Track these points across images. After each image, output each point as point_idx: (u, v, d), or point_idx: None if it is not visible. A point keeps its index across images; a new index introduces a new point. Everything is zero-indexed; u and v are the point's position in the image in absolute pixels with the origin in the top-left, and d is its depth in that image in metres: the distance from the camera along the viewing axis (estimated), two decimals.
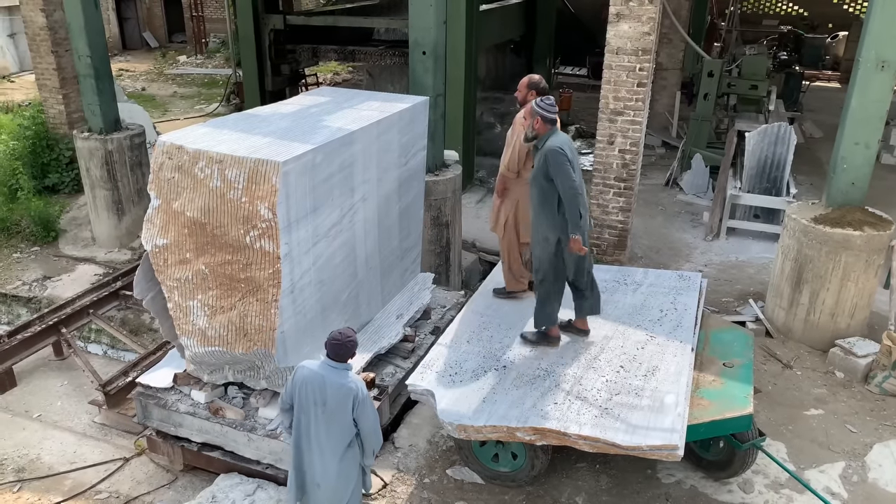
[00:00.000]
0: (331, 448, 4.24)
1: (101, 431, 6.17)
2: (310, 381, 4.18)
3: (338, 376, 4.15)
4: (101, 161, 9.04)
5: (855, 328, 6.87)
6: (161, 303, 5.19)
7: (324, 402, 4.16)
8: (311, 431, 4.24)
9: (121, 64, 21.32)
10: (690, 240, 9.63)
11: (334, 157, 5.16)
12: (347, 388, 4.13)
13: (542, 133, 5.21)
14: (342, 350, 4.13)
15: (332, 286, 5.48)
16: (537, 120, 5.19)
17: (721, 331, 5.95)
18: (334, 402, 4.15)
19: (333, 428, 4.20)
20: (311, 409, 4.19)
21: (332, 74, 20.17)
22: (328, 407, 4.16)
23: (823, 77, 21.46)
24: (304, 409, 4.23)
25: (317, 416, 4.19)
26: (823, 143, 13.42)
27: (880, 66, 6.36)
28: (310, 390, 4.17)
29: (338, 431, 4.21)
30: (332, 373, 4.16)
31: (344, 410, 4.16)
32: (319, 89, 7.10)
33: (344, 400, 4.14)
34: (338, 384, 4.13)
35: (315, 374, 4.18)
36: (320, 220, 5.13)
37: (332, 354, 4.14)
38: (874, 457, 5.59)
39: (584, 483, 5.31)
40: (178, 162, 4.77)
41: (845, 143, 6.73)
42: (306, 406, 4.20)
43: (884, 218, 6.80)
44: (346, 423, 4.20)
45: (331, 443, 4.24)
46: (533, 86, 5.84)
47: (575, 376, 5.21)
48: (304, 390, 4.19)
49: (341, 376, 4.15)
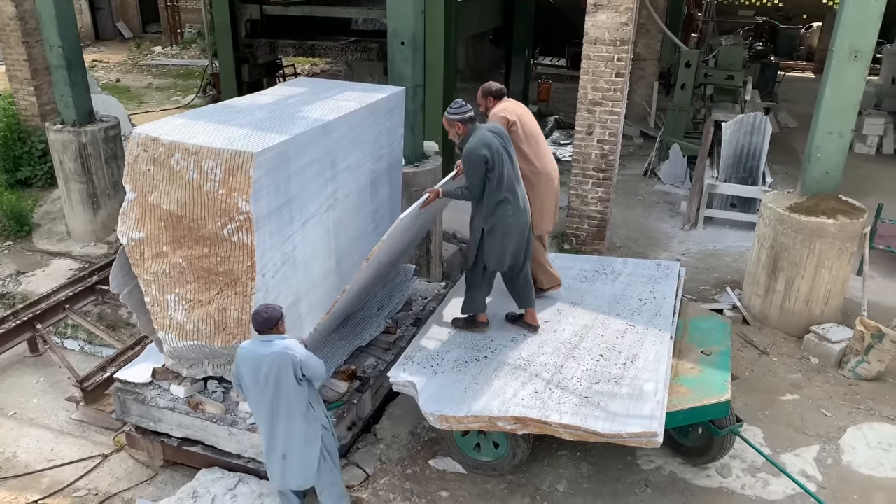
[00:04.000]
0: (284, 414, 4.30)
1: (79, 428, 6.10)
2: (243, 361, 4.28)
3: (269, 348, 4.21)
4: (74, 154, 8.90)
5: (829, 315, 6.98)
6: (138, 297, 5.13)
7: (265, 377, 4.21)
8: (261, 408, 4.32)
9: (94, 55, 20.96)
10: (668, 229, 9.71)
11: (312, 148, 5.12)
12: (282, 356, 4.19)
13: (465, 135, 5.28)
14: (260, 320, 4.22)
15: (311, 277, 5.45)
16: (457, 126, 5.27)
17: (699, 319, 6.02)
18: (275, 372, 4.20)
19: (282, 396, 4.25)
20: (253, 387, 4.28)
21: (311, 65, 20.01)
22: (270, 378, 4.21)
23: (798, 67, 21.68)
24: (247, 389, 4.33)
25: (264, 392, 4.25)
26: (798, 133, 13.59)
27: (853, 56, 6.44)
28: (248, 371, 4.26)
29: (286, 397, 4.26)
30: (262, 346, 4.23)
31: (286, 377, 4.21)
32: (297, 80, 7.05)
33: (283, 368, 4.19)
34: (270, 355, 4.19)
35: (248, 352, 4.27)
36: (298, 211, 5.10)
37: (259, 327, 4.24)
38: (848, 440, 5.69)
39: (565, 471, 5.35)
40: (153, 154, 4.71)
41: (819, 132, 6.81)
42: (249, 385, 4.30)
43: (857, 206, 6.90)
44: (293, 389, 4.24)
45: (281, 410, 4.29)
46: (488, 92, 5.88)
47: (555, 365, 5.25)
48: (244, 372, 4.28)
49: (272, 346, 4.21)
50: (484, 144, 5.14)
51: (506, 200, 5.22)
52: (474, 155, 5.13)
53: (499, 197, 5.21)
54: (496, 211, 5.24)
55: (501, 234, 5.29)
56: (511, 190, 5.24)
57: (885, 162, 12.54)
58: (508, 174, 5.23)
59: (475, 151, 5.12)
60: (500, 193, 5.20)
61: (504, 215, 5.24)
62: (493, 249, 5.36)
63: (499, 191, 5.20)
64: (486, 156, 5.11)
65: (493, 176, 5.17)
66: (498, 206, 5.22)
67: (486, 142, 5.16)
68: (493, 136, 5.24)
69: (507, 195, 5.22)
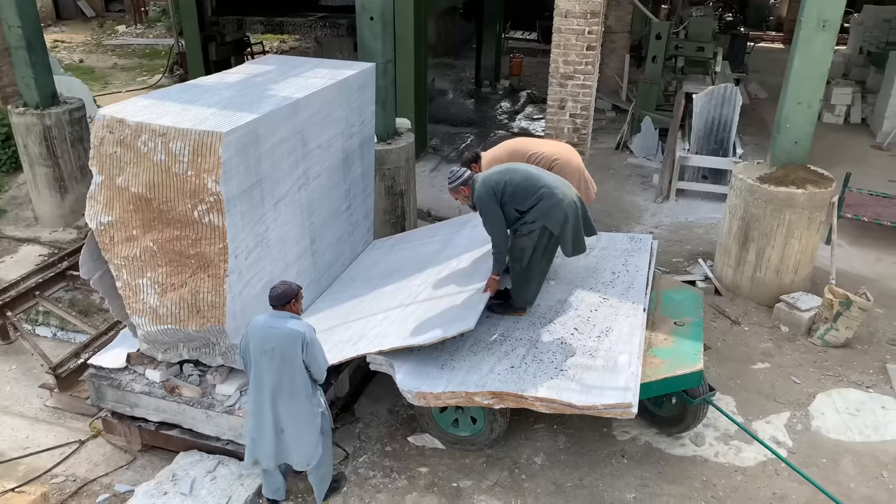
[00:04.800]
0: (287, 392, 4.38)
1: (54, 415, 6.03)
2: (254, 334, 4.35)
3: (281, 322, 4.30)
4: (39, 137, 8.69)
5: (798, 283, 7.10)
6: (109, 282, 5.06)
7: (272, 349, 4.28)
8: (265, 381, 4.38)
9: (55, 35, 20.41)
10: (641, 202, 9.78)
11: (282, 127, 5.06)
12: (294, 332, 4.28)
13: (471, 193, 5.40)
14: (275, 294, 4.33)
15: (283, 258, 5.42)
16: (462, 190, 5.41)
17: (672, 291, 6.09)
18: (282, 348, 4.28)
19: (284, 373, 4.33)
20: (261, 359, 4.33)
21: (279, 42, 19.70)
22: (276, 353, 4.29)
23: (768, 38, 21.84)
24: (255, 361, 4.37)
25: (269, 365, 4.31)
26: (768, 104, 13.71)
27: (822, 25, 6.48)
28: (256, 342, 4.33)
29: (288, 375, 4.34)
30: (275, 320, 4.33)
31: (292, 354, 4.29)
32: (266, 57, 6.92)
33: (292, 344, 4.28)
34: (283, 329, 4.28)
35: (259, 325, 4.35)
36: (269, 191, 5.05)
37: (273, 301, 4.35)
38: (817, 406, 5.83)
39: (543, 443, 5.42)
40: (119, 136, 4.62)
41: (788, 102, 6.88)
42: (256, 357, 4.35)
43: (825, 175, 7.00)
44: (296, 367, 4.33)
45: (285, 387, 4.37)
46: (466, 164, 6.09)
47: (530, 340, 5.29)
48: (251, 343, 4.36)
49: (285, 322, 4.30)
50: (483, 185, 5.30)
51: (540, 196, 5.23)
52: (483, 200, 5.28)
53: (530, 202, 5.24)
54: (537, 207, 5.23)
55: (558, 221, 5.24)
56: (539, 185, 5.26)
57: (852, 131, 12.72)
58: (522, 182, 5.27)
59: (481, 197, 5.29)
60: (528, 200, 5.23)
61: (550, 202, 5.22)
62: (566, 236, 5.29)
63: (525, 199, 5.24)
64: (491, 190, 5.24)
65: (507, 194, 5.24)
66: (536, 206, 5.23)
67: (484, 181, 5.33)
68: (490, 173, 5.44)
69: (542, 191, 5.23)
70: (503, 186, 5.26)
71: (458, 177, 5.44)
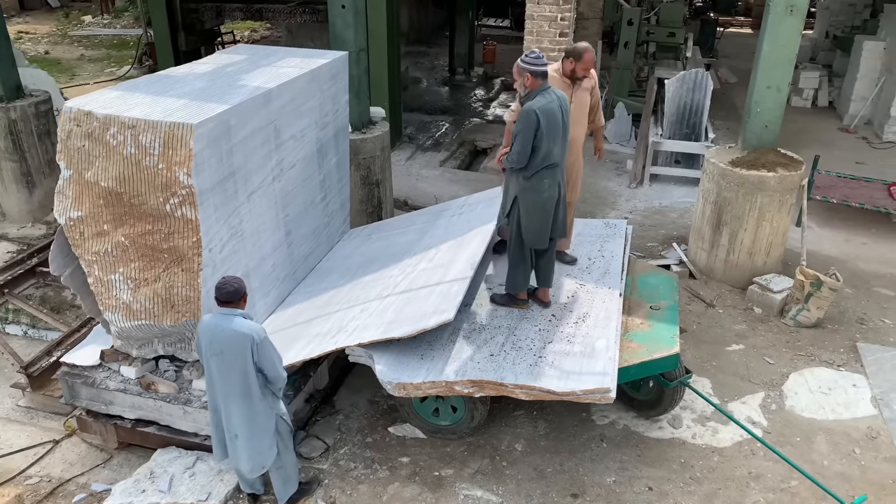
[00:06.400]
0: (238, 395, 4.21)
1: (27, 415, 5.94)
2: (203, 333, 4.18)
3: (229, 322, 4.09)
4: (4, 131, 8.50)
5: (770, 265, 7.20)
6: (81, 278, 4.97)
7: (220, 352, 4.12)
8: (216, 382, 4.25)
9: (19, 26, 19.94)
10: (615, 188, 9.84)
11: (254, 117, 5.00)
12: (241, 335, 4.07)
13: (534, 90, 4.96)
14: (224, 291, 4.09)
15: (259, 251, 5.37)
16: (527, 76, 4.92)
17: (647, 275, 6.14)
18: (230, 349, 4.10)
19: (234, 376, 4.16)
20: (210, 360, 4.19)
21: (250, 32, 19.44)
22: (225, 355, 4.12)
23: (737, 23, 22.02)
24: (205, 361, 4.24)
25: (218, 366, 4.17)
26: (738, 88, 13.85)
27: (789, 10, 6.54)
28: (205, 342, 4.17)
29: (238, 378, 4.16)
30: (223, 320, 4.12)
31: (242, 356, 4.10)
32: (236, 47, 6.82)
33: (240, 346, 4.08)
34: (230, 331, 4.08)
35: (208, 324, 4.17)
36: (242, 183, 4.99)
37: (222, 298, 4.11)
38: (790, 385, 5.93)
39: (523, 430, 5.46)
40: (87, 129, 4.52)
41: (758, 87, 6.95)
42: (206, 357, 4.21)
43: (795, 158, 7.09)
44: (247, 370, 4.14)
45: (235, 390, 4.20)
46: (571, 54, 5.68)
47: (509, 327, 5.31)
48: (201, 342, 4.20)
49: (233, 323, 4.09)
50: (543, 112, 4.86)
51: (541, 175, 5.05)
52: (531, 118, 4.85)
53: (534, 170, 5.03)
54: (530, 181, 5.07)
55: (536, 208, 5.13)
56: (552, 165, 5.05)
57: (820, 114, 12.91)
58: (554, 151, 5.01)
59: (529, 115, 4.85)
60: (538, 166, 5.01)
61: (539, 189, 5.08)
62: (531, 227, 5.20)
63: (539, 163, 5.00)
64: (537, 122, 4.85)
65: (539, 147, 4.94)
66: (534, 177, 5.05)
67: (548, 110, 4.89)
68: (556, 107, 4.97)
69: (546, 170, 5.04)
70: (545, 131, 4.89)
71: (537, 64, 4.90)
